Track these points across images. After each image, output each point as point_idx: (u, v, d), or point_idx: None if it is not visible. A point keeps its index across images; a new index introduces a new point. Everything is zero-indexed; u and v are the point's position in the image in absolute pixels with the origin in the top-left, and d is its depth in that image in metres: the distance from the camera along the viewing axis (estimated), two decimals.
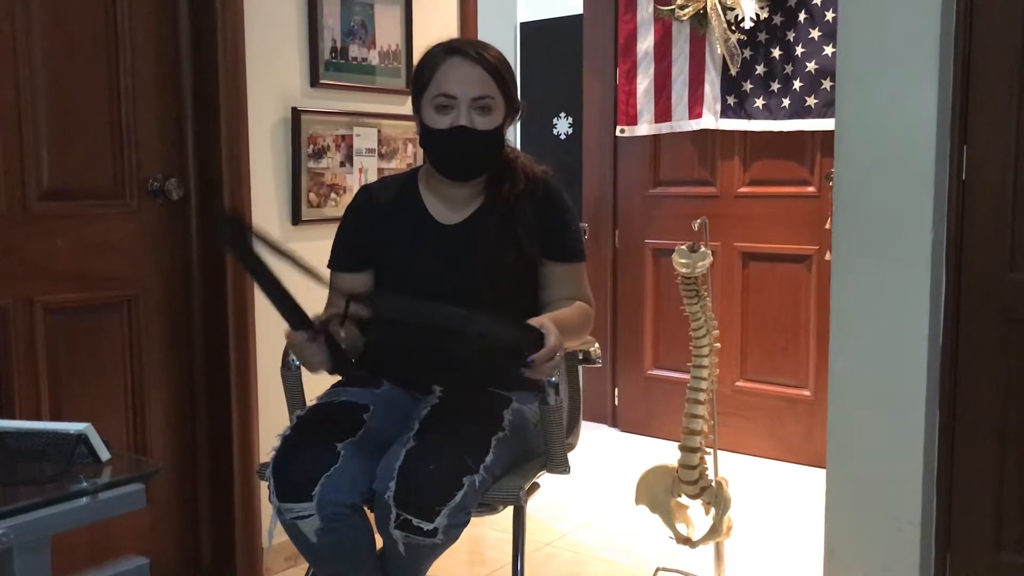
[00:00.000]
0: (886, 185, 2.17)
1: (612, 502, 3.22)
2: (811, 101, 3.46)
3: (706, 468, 2.38)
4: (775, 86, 3.55)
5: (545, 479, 1.97)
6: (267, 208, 2.61)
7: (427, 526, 1.64)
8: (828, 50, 3.37)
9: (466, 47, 1.87)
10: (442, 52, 1.86)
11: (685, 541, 2.43)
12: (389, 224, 1.95)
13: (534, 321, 1.71)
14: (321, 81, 2.70)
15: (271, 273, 1.59)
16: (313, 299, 2.13)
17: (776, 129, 3.57)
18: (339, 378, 1.93)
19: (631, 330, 4.14)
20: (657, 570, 2.62)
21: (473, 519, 1.75)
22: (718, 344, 2.39)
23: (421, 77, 1.88)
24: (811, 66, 3.44)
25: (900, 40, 2.13)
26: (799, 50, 3.47)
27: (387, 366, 1.94)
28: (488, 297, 1.85)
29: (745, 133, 3.70)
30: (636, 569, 2.74)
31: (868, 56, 2.18)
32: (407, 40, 2.93)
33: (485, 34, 3.23)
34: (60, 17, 2.24)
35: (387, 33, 2.88)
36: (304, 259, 1.61)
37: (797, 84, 3.48)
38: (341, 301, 1.89)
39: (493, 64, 1.85)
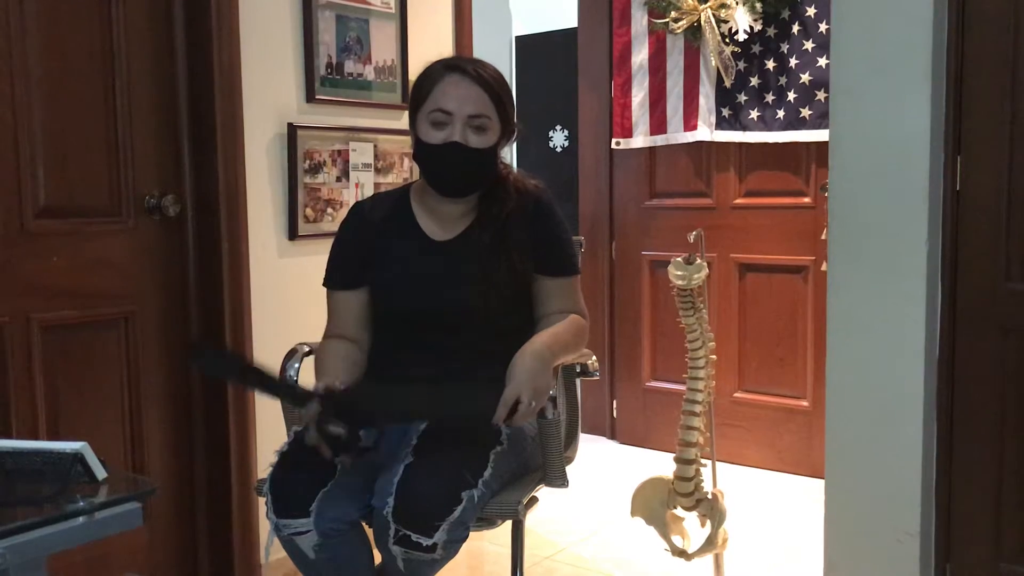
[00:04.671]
0: (881, 196, 2.17)
1: (612, 515, 3.21)
2: (806, 112, 3.47)
3: (702, 480, 2.38)
4: (769, 98, 3.56)
5: (544, 492, 1.96)
6: (264, 223, 2.61)
7: (426, 541, 1.64)
8: (822, 62, 3.38)
9: (465, 65, 1.88)
10: (441, 68, 1.88)
11: (681, 554, 2.43)
12: (382, 240, 1.95)
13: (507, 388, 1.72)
14: (317, 97, 2.70)
15: (257, 372, 1.73)
16: (312, 314, 2.14)
17: (771, 140, 3.58)
18: None
19: (629, 342, 4.14)
20: None
21: (472, 533, 1.75)
22: (714, 356, 2.39)
23: (419, 91, 1.89)
24: (805, 78, 3.46)
25: (893, 51, 2.14)
26: (793, 62, 3.49)
27: (386, 380, 1.94)
28: (480, 313, 1.86)
29: (740, 145, 3.71)
30: None
31: (861, 68, 2.19)
32: (402, 55, 2.93)
33: (481, 48, 3.24)
34: (56, 36, 2.24)
35: (382, 48, 2.89)
36: (268, 371, 1.75)
37: (791, 95, 3.50)
38: (343, 324, 1.93)
39: (491, 84, 1.86)
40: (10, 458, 1.47)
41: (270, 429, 2.48)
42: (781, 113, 3.53)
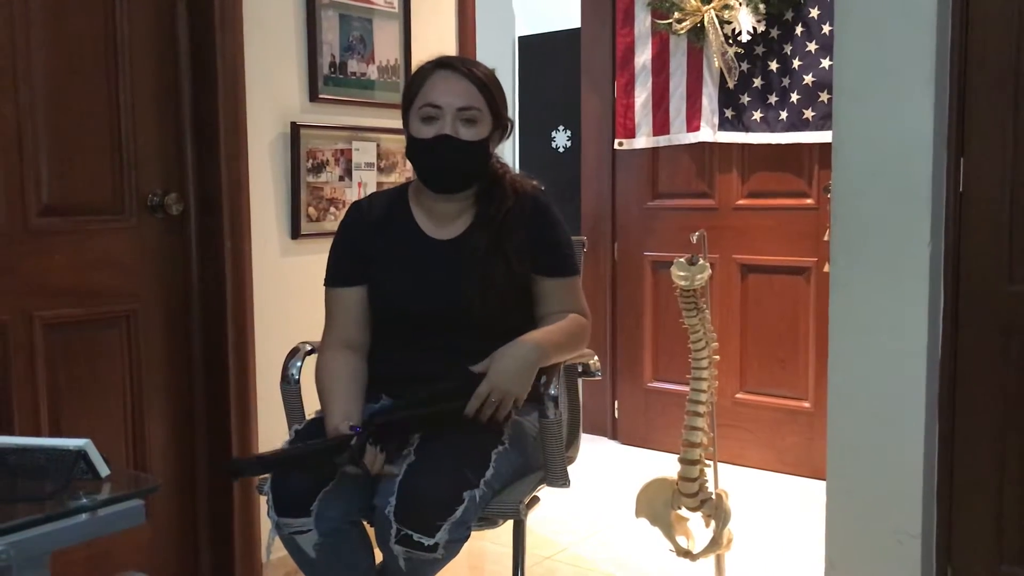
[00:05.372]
0: (884, 197, 2.17)
1: (613, 515, 3.21)
2: (808, 114, 3.47)
3: (706, 481, 2.38)
4: (772, 99, 3.56)
5: (545, 492, 1.97)
6: (266, 222, 2.61)
7: (428, 541, 1.64)
8: (825, 63, 3.38)
9: (454, 61, 1.91)
10: (432, 66, 1.90)
11: (685, 554, 2.43)
12: (381, 239, 1.96)
13: (480, 367, 1.78)
14: (320, 96, 2.71)
15: (290, 457, 1.75)
16: (315, 312, 2.14)
17: (774, 142, 3.58)
18: None
19: (631, 342, 4.14)
20: None
21: (473, 533, 1.75)
22: (717, 356, 2.40)
23: (410, 89, 1.91)
24: (808, 79, 3.45)
25: (896, 53, 2.14)
26: (796, 63, 3.48)
27: (386, 380, 1.94)
28: (478, 313, 1.86)
29: (743, 146, 3.71)
30: None
31: (864, 69, 2.18)
32: (405, 55, 2.94)
33: (483, 48, 3.25)
34: (60, 35, 2.25)
35: (385, 48, 2.89)
36: (305, 447, 1.77)
37: (794, 97, 3.50)
38: (342, 324, 1.94)
39: (480, 78, 1.88)
40: (13, 455, 1.47)
41: (272, 427, 2.49)
42: (784, 114, 3.53)
